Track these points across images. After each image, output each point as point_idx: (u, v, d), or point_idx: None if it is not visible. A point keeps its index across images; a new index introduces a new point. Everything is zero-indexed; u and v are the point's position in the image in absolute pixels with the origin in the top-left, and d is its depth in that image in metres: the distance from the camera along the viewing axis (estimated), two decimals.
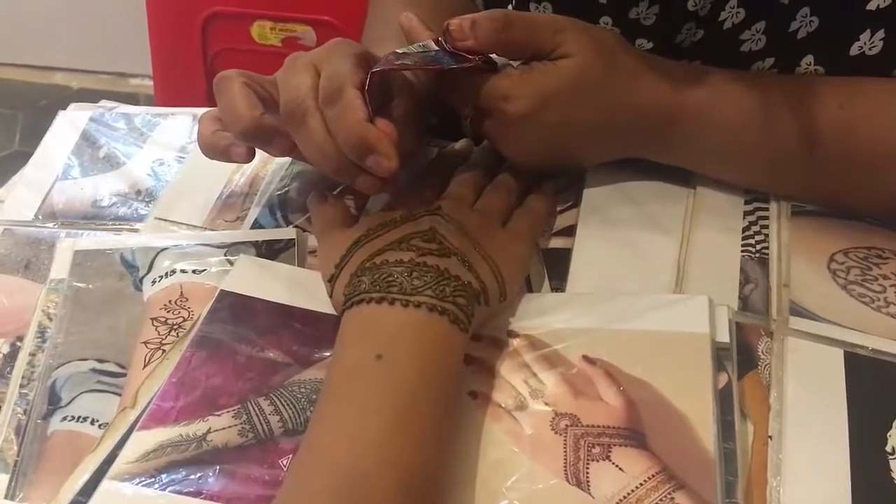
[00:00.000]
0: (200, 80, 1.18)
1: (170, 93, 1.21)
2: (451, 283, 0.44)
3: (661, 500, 0.39)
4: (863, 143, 0.52)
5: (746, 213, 0.57)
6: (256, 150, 0.53)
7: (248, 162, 0.53)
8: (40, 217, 0.60)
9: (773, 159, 0.54)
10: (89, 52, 2.22)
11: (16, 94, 2.22)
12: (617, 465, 0.41)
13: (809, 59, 0.55)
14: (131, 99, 2.15)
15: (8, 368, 0.50)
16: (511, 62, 0.53)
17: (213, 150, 0.53)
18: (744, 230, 0.56)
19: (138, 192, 0.61)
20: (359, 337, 0.42)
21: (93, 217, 0.59)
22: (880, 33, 0.53)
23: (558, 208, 0.58)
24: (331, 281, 0.48)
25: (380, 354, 0.40)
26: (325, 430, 0.39)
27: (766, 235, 0.55)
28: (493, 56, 0.52)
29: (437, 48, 0.51)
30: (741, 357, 0.47)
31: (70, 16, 2.17)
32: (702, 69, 0.56)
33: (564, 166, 0.58)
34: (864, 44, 0.53)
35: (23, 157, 0.67)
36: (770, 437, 0.44)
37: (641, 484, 0.40)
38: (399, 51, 0.50)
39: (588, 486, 0.40)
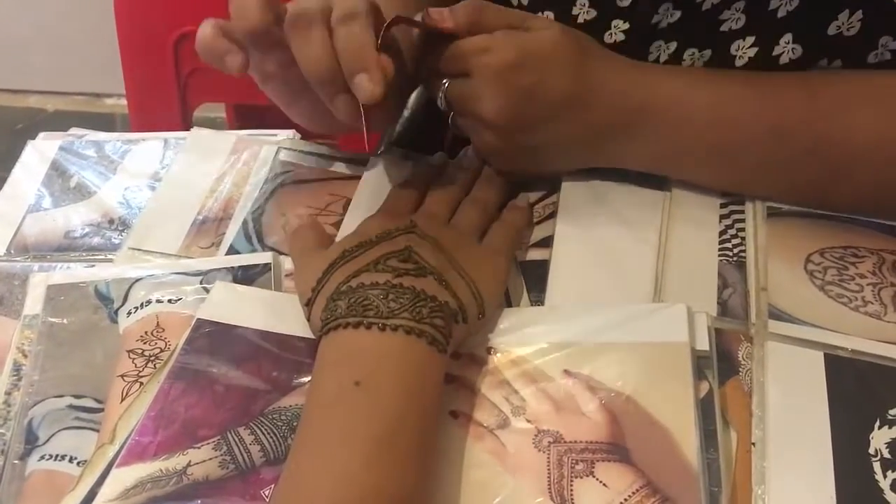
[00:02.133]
0: (174, 100, 1.18)
1: (144, 112, 1.20)
2: (427, 304, 0.44)
3: None
4: (831, 138, 0.52)
5: (722, 217, 0.57)
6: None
7: (240, 71, 0.51)
8: (12, 251, 0.59)
9: (742, 155, 0.54)
10: (63, 73, 2.21)
11: None
12: (601, 481, 0.41)
13: (788, 37, 0.55)
14: (107, 119, 2.14)
15: None
16: None
17: (211, 53, 0.51)
18: (720, 234, 0.56)
19: (111, 221, 0.61)
20: (336, 363, 0.42)
21: (66, 248, 0.59)
22: (858, 14, 0.53)
23: (535, 219, 0.58)
24: (308, 305, 0.48)
25: (358, 381, 0.40)
26: (304, 461, 0.38)
27: (743, 238, 0.55)
28: None
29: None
30: (722, 364, 0.47)
31: (42, 38, 2.15)
32: (669, 67, 0.57)
33: (537, 153, 0.57)
34: (843, 24, 0.54)
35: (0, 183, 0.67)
36: (753, 444, 0.44)
37: (626, 500, 0.40)
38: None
39: (572, 503, 0.40)
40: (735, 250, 0.55)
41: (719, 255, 0.54)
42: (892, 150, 0.52)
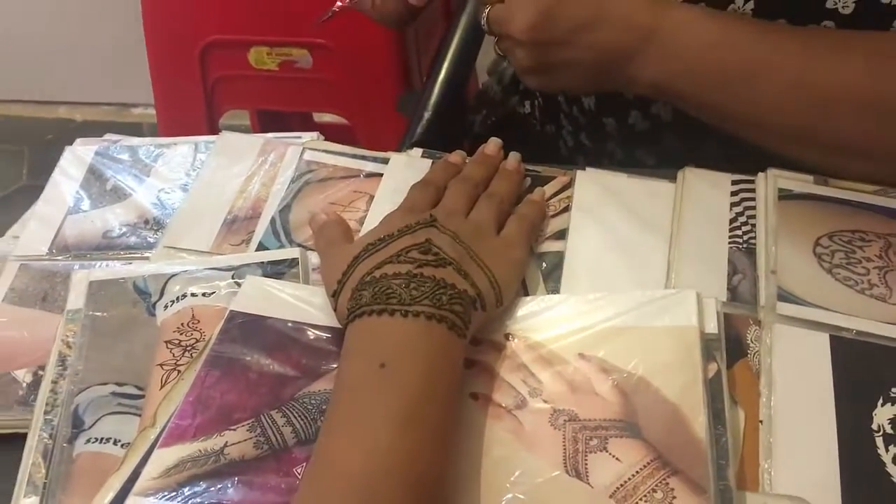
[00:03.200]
0: (200, 106, 1.21)
1: (172, 120, 1.24)
2: (447, 292, 0.46)
3: (656, 485, 0.41)
4: (816, 75, 0.56)
5: (733, 205, 0.59)
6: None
7: None
8: (54, 251, 0.62)
9: (737, 84, 0.58)
10: (91, 84, 2.26)
11: (21, 129, 2.26)
12: (614, 456, 0.43)
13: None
14: (135, 128, 2.19)
15: (32, 396, 0.52)
16: None
17: None
18: (731, 222, 0.58)
19: (146, 222, 0.64)
20: (363, 348, 0.45)
21: (104, 248, 0.62)
22: None
23: (550, 213, 0.60)
24: (334, 296, 0.51)
25: (383, 363, 0.42)
26: (334, 439, 0.41)
27: (753, 226, 0.57)
28: None
29: None
30: (731, 346, 0.49)
31: (70, 50, 2.20)
32: (677, 1, 0.61)
33: (560, 71, 0.62)
34: (838, 1, 0.58)
35: (31, 191, 0.70)
36: (761, 421, 0.46)
37: (638, 472, 0.42)
38: None
39: (587, 476, 0.42)
40: (745, 237, 0.57)
41: (730, 243, 0.57)
42: (873, 96, 0.55)
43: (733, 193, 0.60)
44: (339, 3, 0.63)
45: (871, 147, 0.58)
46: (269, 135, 0.70)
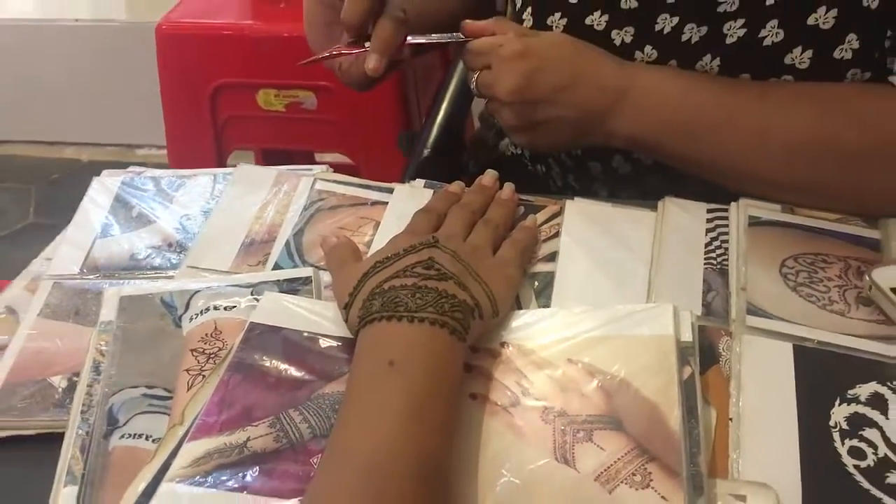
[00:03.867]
0: (210, 145, 1.27)
1: (182, 158, 1.30)
2: (449, 301, 0.52)
3: (636, 470, 0.46)
4: (775, 127, 0.65)
5: (708, 230, 0.65)
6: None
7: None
8: (84, 270, 0.67)
9: (705, 136, 0.66)
10: (97, 126, 2.33)
11: (29, 168, 2.32)
12: (598, 445, 0.48)
13: (774, 22, 0.66)
14: None
15: (67, 400, 0.57)
16: None
17: None
18: (706, 245, 0.64)
19: (170, 245, 0.69)
20: (373, 349, 0.50)
21: (132, 268, 0.67)
22: (833, 11, 0.64)
23: (541, 238, 0.66)
24: (346, 308, 0.56)
25: (392, 361, 0.48)
26: (347, 430, 0.46)
27: (726, 249, 0.63)
28: None
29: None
30: (704, 354, 0.55)
31: (77, 92, 2.28)
32: (647, 65, 0.71)
33: (543, 129, 0.69)
34: (820, 17, 0.65)
35: (38, 229, 0.74)
36: (731, 418, 0.51)
37: (619, 458, 0.47)
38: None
39: (574, 463, 0.47)
40: (718, 259, 0.62)
41: (705, 264, 0.62)
42: (829, 144, 0.63)
43: (708, 220, 0.66)
44: (323, 54, 0.70)
45: (828, 189, 0.65)
46: (283, 167, 0.76)
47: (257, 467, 0.49)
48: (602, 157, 0.81)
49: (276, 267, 0.66)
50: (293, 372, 0.55)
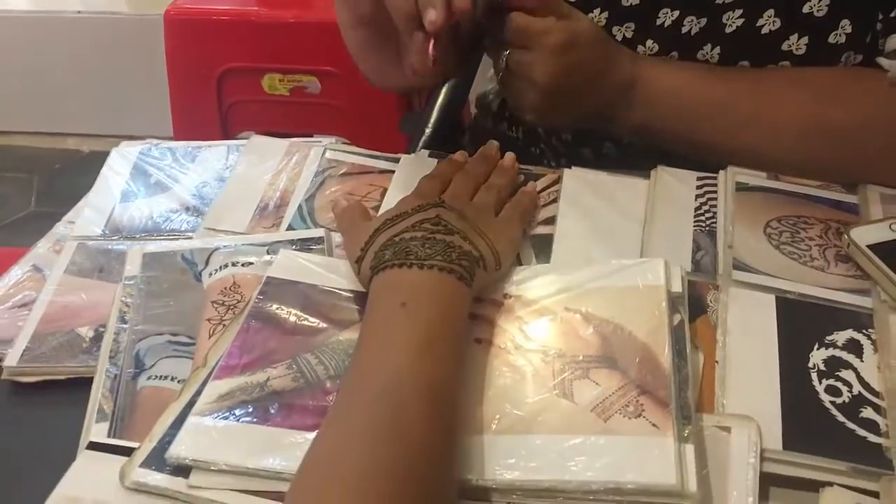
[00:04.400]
0: (216, 129, 1.31)
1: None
2: (456, 251, 0.55)
3: (629, 401, 0.50)
4: (768, 110, 0.69)
5: (698, 196, 0.69)
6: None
7: None
8: (107, 232, 0.71)
9: (702, 122, 0.70)
10: (99, 117, 2.35)
11: (31, 158, 2.35)
12: (594, 381, 0.52)
13: (770, 11, 0.70)
14: None
15: (94, 348, 0.60)
16: None
17: None
18: (696, 210, 0.68)
19: (188, 209, 0.73)
20: (386, 292, 0.54)
21: (152, 230, 0.71)
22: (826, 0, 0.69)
23: (541, 203, 0.70)
24: (357, 262, 0.60)
25: (404, 303, 0.51)
26: (364, 359, 0.50)
27: (714, 212, 0.67)
28: None
29: None
30: (693, 306, 0.59)
31: (78, 84, 2.30)
32: (656, 57, 0.74)
33: (564, 110, 0.71)
34: (813, 5, 0.69)
35: (39, 218, 0.77)
36: (717, 361, 0.55)
37: (614, 392, 0.51)
38: None
39: (572, 396, 0.51)
40: (707, 222, 0.66)
41: (694, 226, 0.66)
42: (817, 120, 0.67)
43: (698, 187, 0.70)
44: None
45: (816, 163, 0.70)
46: (295, 139, 0.80)
47: (277, 403, 0.53)
48: (593, 143, 0.85)
49: (290, 229, 0.69)
50: (309, 320, 0.59)
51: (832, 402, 0.52)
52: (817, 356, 0.55)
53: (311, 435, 0.50)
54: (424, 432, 0.46)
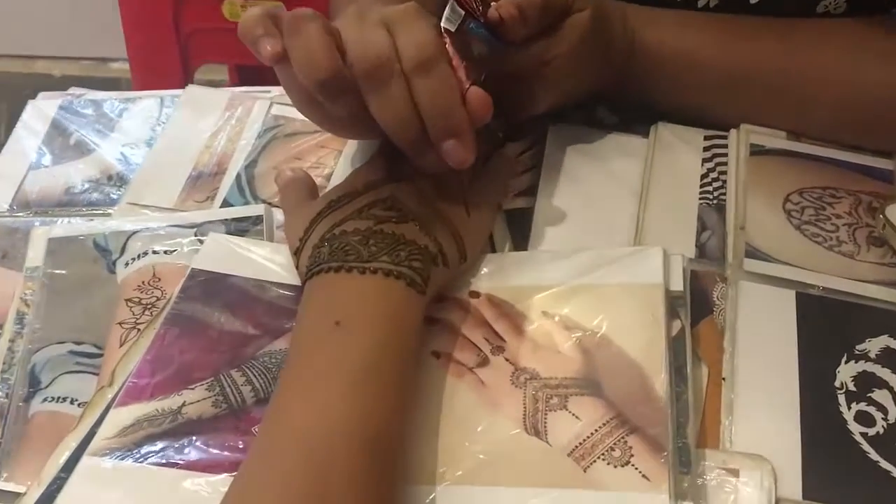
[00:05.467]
0: (175, 61, 1.19)
1: (146, 74, 1.21)
2: (406, 248, 0.45)
3: (615, 443, 0.41)
4: (802, 75, 0.56)
5: (705, 161, 0.58)
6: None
7: (272, 64, 0.47)
8: (15, 207, 0.61)
9: (719, 86, 0.58)
10: (69, 39, 2.22)
11: None
12: (573, 414, 0.43)
13: None
14: (113, 83, 2.15)
15: None
16: None
17: (246, 37, 0.47)
18: (702, 178, 0.57)
19: (109, 178, 0.62)
20: (318, 305, 0.44)
21: (66, 204, 0.61)
22: None
23: (520, 169, 0.59)
24: (296, 254, 0.50)
25: (338, 321, 0.42)
26: (287, 397, 0.41)
27: (724, 182, 0.57)
28: None
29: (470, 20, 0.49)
30: (697, 303, 0.49)
31: (48, 3, 2.16)
32: (661, 12, 0.59)
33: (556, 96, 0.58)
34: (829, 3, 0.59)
35: None
36: (723, 378, 0.46)
37: (596, 430, 0.42)
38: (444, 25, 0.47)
39: (546, 435, 0.42)
40: (716, 194, 0.56)
41: (700, 199, 0.56)
42: (850, 87, 0.56)
43: (705, 149, 0.59)
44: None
45: (849, 135, 0.58)
46: (237, 89, 0.69)
47: (192, 437, 0.44)
48: (586, 105, 0.73)
49: (225, 204, 0.59)
50: (238, 325, 0.49)
51: (863, 435, 0.43)
52: (846, 372, 0.46)
53: (230, 480, 0.41)
54: (359, 498, 0.37)
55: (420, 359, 0.45)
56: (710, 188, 0.57)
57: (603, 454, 0.41)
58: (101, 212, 0.60)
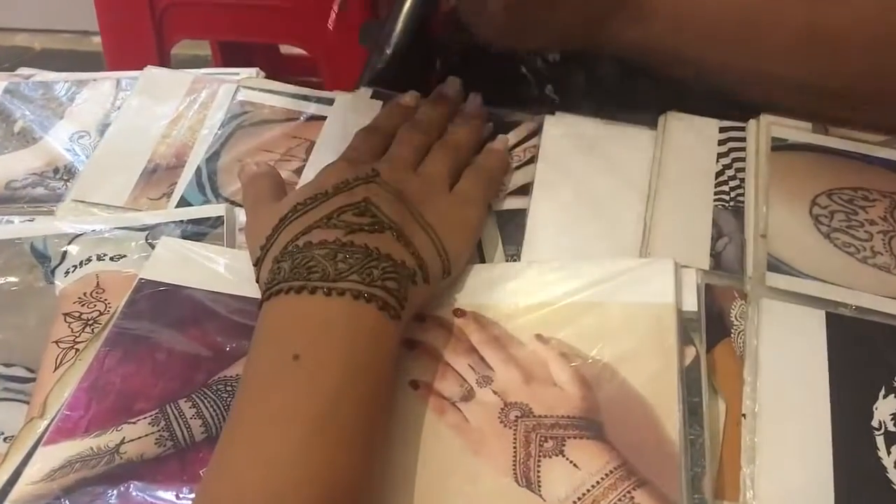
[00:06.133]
0: (149, 37, 1.12)
1: (119, 50, 1.14)
2: (379, 265, 0.39)
3: (619, 499, 0.35)
4: (827, 25, 0.50)
5: (720, 156, 0.52)
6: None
7: None
8: None
9: (740, 32, 0.51)
10: (50, 11, 2.14)
11: None
12: (571, 461, 0.37)
13: None
14: (95, 58, 2.06)
15: None
16: None
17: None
18: (717, 175, 0.51)
19: (56, 171, 0.56)
20: (275, 335, 0.38)
21: (7, 200, 0.54)
22: None
23: (513, 164, 0.53)
24: (257, 265, 0.44)
25: (297, 354, 0.35)
26: (234, 445, 0.34)
27: (742, 181, 0.50)
28: None
29: None
30: (712, 324, 0.43)
31: None
32: None
33: (533, 33, 0.54)
34: None
35: None
36: (744, 415, 0.40)
37: (598, 482, 0.36)
38: None
39: (539, 486, 0.36)
40: (732, 194, 0.50)
41: (715, 201, 0.50)
42: (884, 29, 0.49)
43: (721, 142, 0.53)
44: None
45: (883, 88, 0.51)
46: (200, 71, 0.62)
47: (131, 483, 0.38)
48: (586, 64, 0.66)
49: (183, 202, 0.53)
50: (189, 346, 0.43)
51: None
52: (884, 409, 0.40)
53: None
54: None
55: (393, 391, 0.39)
56: (727, 187, 0.50)
57: None
58: (45, 209, 0.54)
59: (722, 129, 0.53)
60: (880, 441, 0.39)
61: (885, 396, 0.40)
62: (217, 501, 0.33)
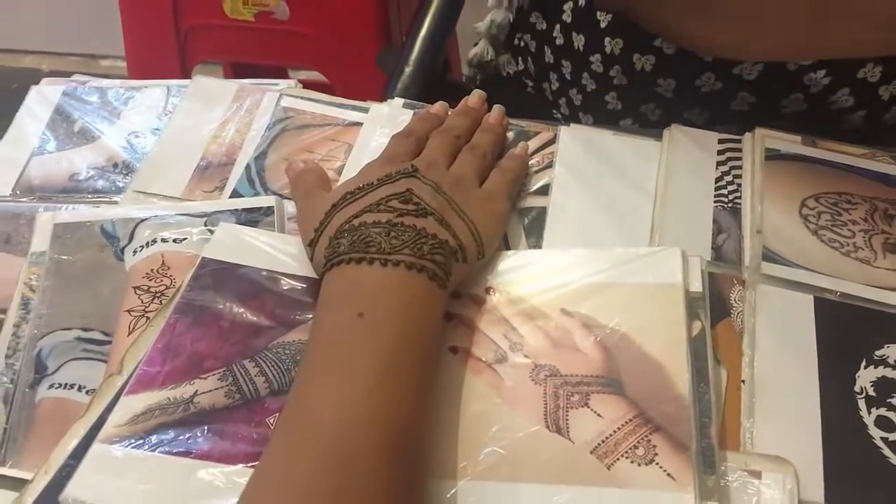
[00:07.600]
0: (174, 57, 1.18)
1: (142, 71, 1.20)
2: (428, 242, 0.45)
3: (638, 441, 0.40)
4: None
5: (719, 164, 0.58)
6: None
7: None
8: (17, 192, 0.60)
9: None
10: (59, 34, 2.19)
11: None
12: (595, 412, 0.42)
13: None
14: None
15: None
16: None
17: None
18: (716, 181, 0.57)
19: (115, 165, 0.61)
20: (340, 297, 0.43)
21: (71, 191, 0.60)
22: None
23: (533, 168, 0.59)
24: (311, 245, 0.49)
25: (361, 313, 0.41)
26: (309, 389, 0.40)
27: (739, 185, 0.56)
28: None
29: None
30: (715, 306, 0.49)
31: None
32: None
33: None
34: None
35: None
36: (743, 381, 0.45)
37: (619, 428, 0.41)
38: None
39: (568, 431, 0.41)
40: (731, 197, 0.56)
41: (715, 202, 0.56)
42: None
43: (720, 152, 0.59)
44: None
45: None
46: (245, 81, 0.68)
47: (205, 427, 0.43)
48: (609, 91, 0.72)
49: (235, 194, 0.58)
50: (249, 316, 0.48)
51: (884, 440, 0.43)
52: (865, 377, 0.45)
53: (247, 471, 0.40)
54: (382, 495, 0.36)
55: (440, 354, 0.45)
56: (725, 191, 0.56)
57: (626, 452, 0.40)
58: (106, 199, 0.59)
59: (721, 141, 0.59)
60: (862, 403, 0.44)
61: (865, 367, 0.46)
62: (298, 431, 0.38)
